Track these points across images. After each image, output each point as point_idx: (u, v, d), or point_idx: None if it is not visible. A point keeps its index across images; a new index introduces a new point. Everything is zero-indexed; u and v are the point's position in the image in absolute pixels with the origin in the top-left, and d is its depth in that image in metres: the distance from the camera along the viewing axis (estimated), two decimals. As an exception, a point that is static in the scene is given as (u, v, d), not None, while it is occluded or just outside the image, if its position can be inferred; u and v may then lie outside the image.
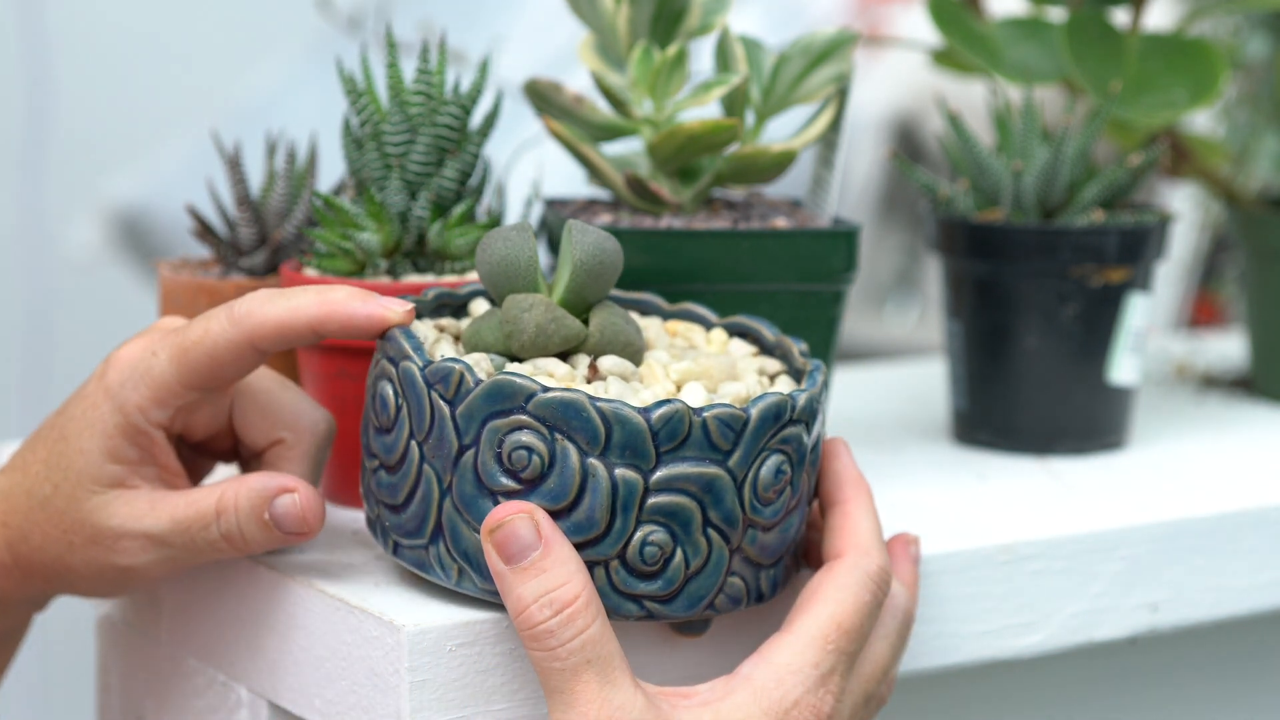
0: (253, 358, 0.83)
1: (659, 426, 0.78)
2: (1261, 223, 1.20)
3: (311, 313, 0.82)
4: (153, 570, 0.85)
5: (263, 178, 1.01)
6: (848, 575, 0.82)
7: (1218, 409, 1.19)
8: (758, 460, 0.80)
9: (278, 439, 0.87)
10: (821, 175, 1.00)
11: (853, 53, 0.97)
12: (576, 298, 0.83)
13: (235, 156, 1.00)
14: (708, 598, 0.80)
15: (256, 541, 0.83)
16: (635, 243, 0.92)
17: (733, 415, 0.79)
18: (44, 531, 0.86)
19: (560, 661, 0.77)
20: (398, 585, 0.84)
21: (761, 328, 0.88)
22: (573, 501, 0.78)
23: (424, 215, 0.92)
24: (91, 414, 0.84)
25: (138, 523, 0.84)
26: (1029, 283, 1.05)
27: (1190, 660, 1.05)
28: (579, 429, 0.78)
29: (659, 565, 0.79)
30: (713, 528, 0.79)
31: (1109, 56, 1.10)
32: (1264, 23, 1.35)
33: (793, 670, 0.79)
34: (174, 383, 0.84)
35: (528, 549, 0.77)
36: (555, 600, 0.77)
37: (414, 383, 0.80)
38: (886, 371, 1.31)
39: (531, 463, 0.78)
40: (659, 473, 0.78)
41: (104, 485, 0.84)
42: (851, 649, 0.81)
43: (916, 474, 1.03)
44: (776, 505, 0.81)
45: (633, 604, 0.79)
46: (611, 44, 0.96)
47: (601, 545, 0.79)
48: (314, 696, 0.84)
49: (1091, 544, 0.94)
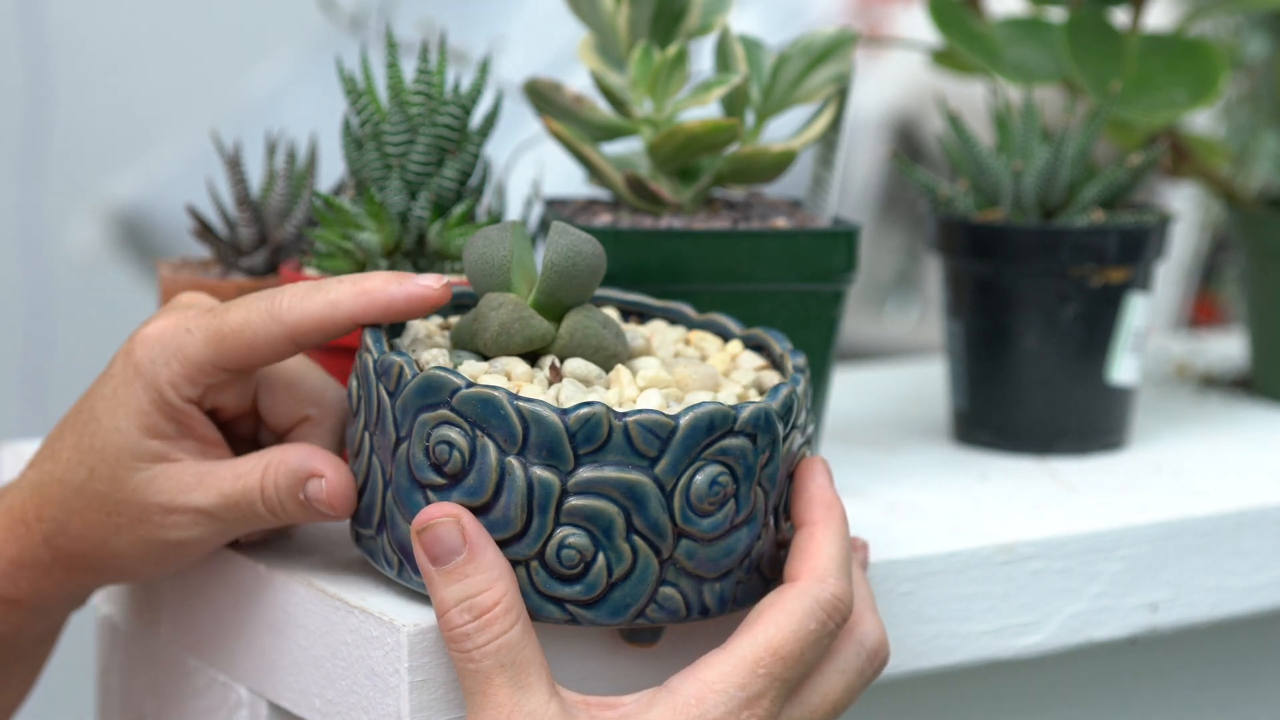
0: (290, 351, 0.83)
1: (575, 428, 0.77)
2: (1261, 223, 1.20)
3: (350, 305, 0.82)
4: (205, 543, 0.84)
5: (263, 178, 1.01)
6: (796, 601, 0.80)
7: (1218, 409, 1.19)
8: (690, 470, 0.78)
9: (304, 416, 0.87)
10: (821, 175, 1.00)
11: (853, 53, 0.97)
12: (550, 299, 0.83)
13: (235, 156, 1.00)
14: (635, 606, 0.79)
15: (297, 518, 0.83)
16: (635, 243, 0.92)
17: (657, 422, 0.78)
18: (84, 518, 0.85)
19: (475, 664, 0.77)
20: (398, 585, 0.83)
21: (773, 341, 0.87)
22: (490, 499, 0.78)
23: (424, 215, 0.92)
24: (122, 392, 0.84)
25: (186, 497, 0.83)
26: (1029, 283, 1.05)
27: (1190, 660, 1.05)
28: (497, 427, 0.77)
29: (579, 569, 0.78)
30: (638, 535, 0.78)
31: (1109, 56, 1.10)
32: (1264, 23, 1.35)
33: (716, 690, 0.78)
34: (207, 364, 0.83)
35: (452, 552, 0.77)
36: (475, 606, 0.77)
37: (367, 375, 0.81)
38: (886, 371, 1.31)
39: (452, 458, 0.78)
40: (578, 475, 0.78)
41: (146, 461, 0.84)
42: (788, 676, 0.79)
43: (916, 474, 1.03)
44: (716, 518, 0.79)
45: (554, 606, 0.79)
46: (611, 44, 0.96)
47: (519, 545, 0.78)
48: (314, 696, 0.84)
49: (1091, 544, 0.94)
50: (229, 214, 1.00)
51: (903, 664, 0.91)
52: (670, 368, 0.84)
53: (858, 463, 1.04)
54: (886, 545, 0.91)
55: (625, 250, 0.92)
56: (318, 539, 0.90)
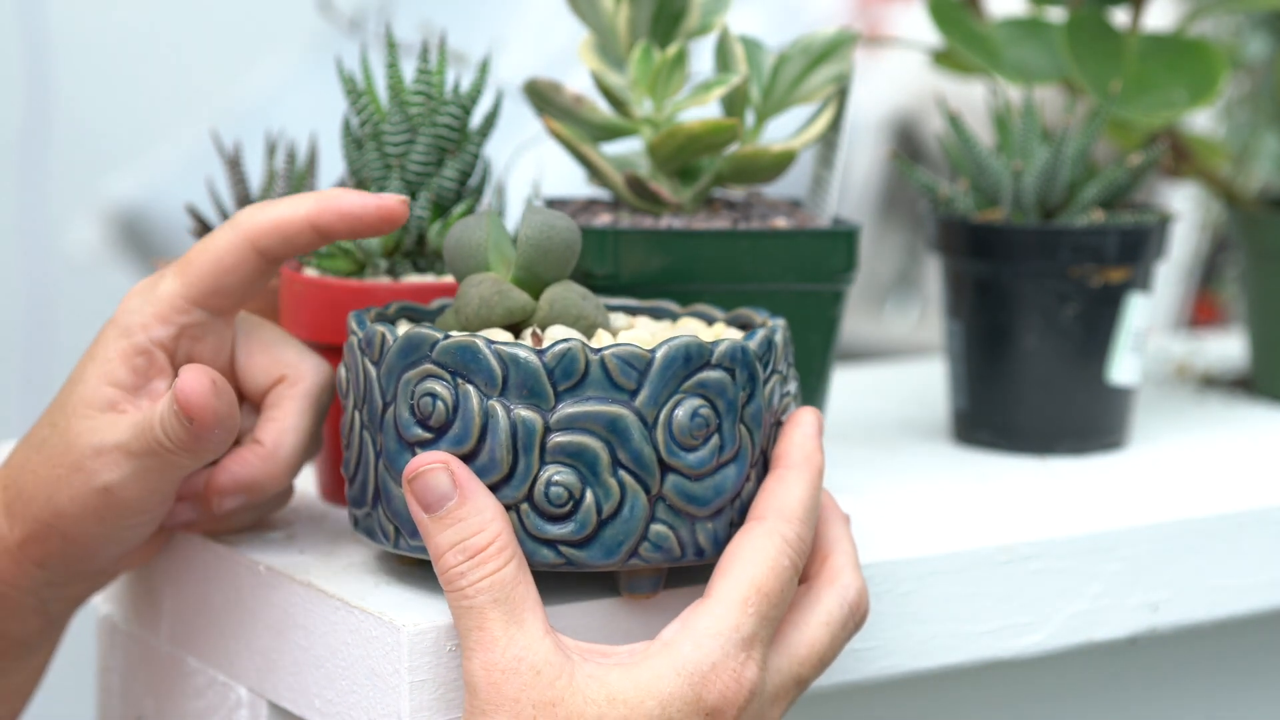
0: (256, 263, 0.84)
1: (553, 364, 0.78)
2: (1261, 223, 1.20)
3: (309, 206, 0.83)
4: (128, 488, 0.83)
5: (262, 177, 1.01)
6: (766, 539, 0.80)
7: (1218, 409, 1.19)
8: (670, 402, 0.79)
9: (279, 376, 0.87)
10: (821, 175, 1.00)
11: (853, 53, 0.97)
12: (529, 274, 0.84)
13: (235, 156, 1.00)
14: (627, 544, 0.80)
15: (180, 438, 0.82)
16: (635, 243, 0.92)
17: (633, 354, 0.79)
18: (35, 475, 0.85)
19: (469, 600, 0.77)
20: (398, 585, 0.84)
21: (755, 315, 0.88)
22: (475, 444, 0.79)
23: (424, 215, 0.92)
24: (96, 348, 0.85)
25: (111, 434, 0.83)
26: (1029, 283, 1.05)
27: (1190, 660, 1.05)
28: (477, 371, 0.79)
29: (568, 506, 0.79)
30: (624, 469, 0.79)
31: (1109, 56, 1.10)
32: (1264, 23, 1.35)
33: (712, 634, 0.78)
34: (177, 296, 0.84)
35: (443, 498, 0.78)
36: (468, 547, 0.78)
37: (354, 353, 0.82)
38: (886, 371, 1.31)
39: (436, 409, 0.79)
40: (559, 412, 0.79)
41: (96, 409, 0.84)
42: (772, 614, 0.79)
43: (916, 474, 1.03)
44: (701, 453, 0.80)
45: (548, 549, 0.79)
46: (611, 44, 0.96)
47: (508, 488, 0.79)
48: (314, 696, 0.84)
49: (1091, 544, 0.94)
50: (229, 214, 1.00)
51: (903, 664, 0.91)
52: (654, 335, 0.85)
53: (858, 463, 1.04)
54: (886, 545, 0.91)
55: (625, 250, 0.92)
56: (318, 539, 0.90)
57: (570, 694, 0.77)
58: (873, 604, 0.89)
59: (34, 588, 0.87)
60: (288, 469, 0.86)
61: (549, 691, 0.76)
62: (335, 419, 0.92)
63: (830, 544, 0.85)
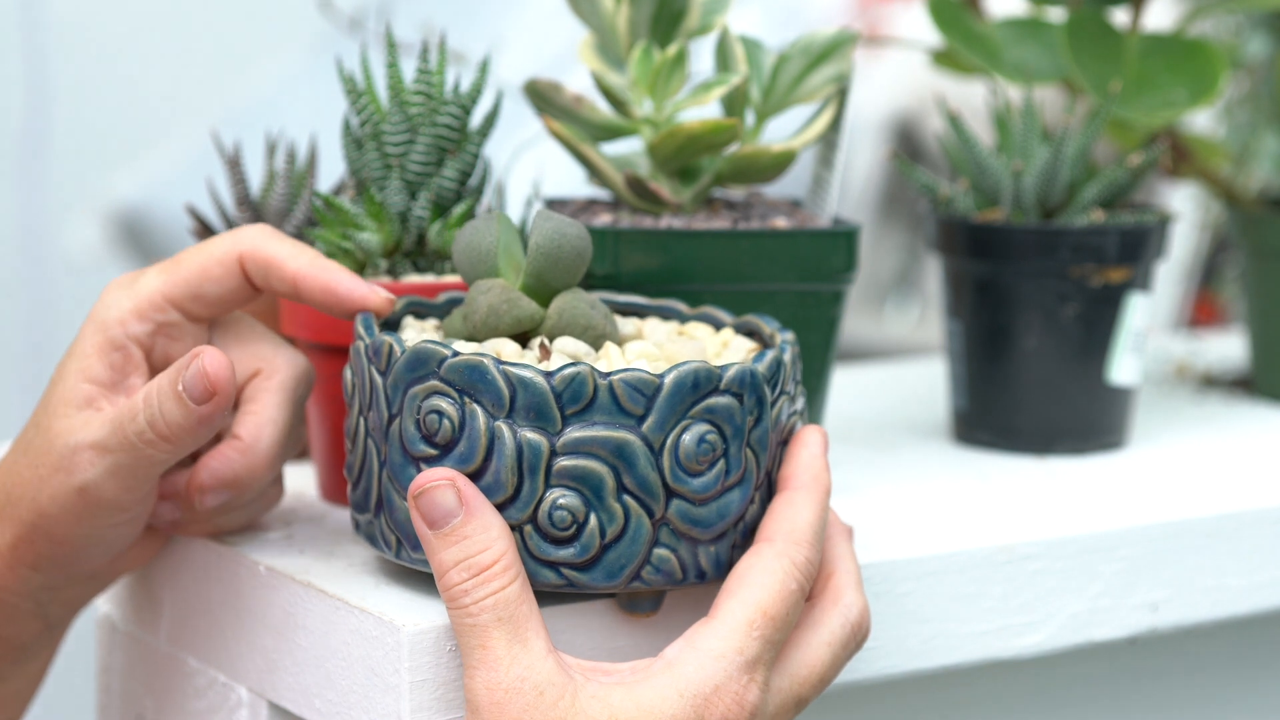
0: (239, 283, 0.84)
1: (561, 388, 0.78)
2: (1261, 223, 1.20)
3: (300, 265, 0.84)
4: (104, 486, 0.83)
5: (263, 178, 1.01)
6: (775, 561, 0.80)
7: (1218, 409, 1.19)
8: (677, 428, 0.79)
9: (255, 370, 0.86)
10: (821, 175, 1.00)
11: (853, 53, 0.97)
12: (538, 282, 0.84)
13: (235, 156, 1.00)
14: (630, 567, 0.80)
15: (177, 423, 0.81)
16: (635, 243, 0.92)
17: (642, 380, 0.78)
18: (20, 475, 0.85)
19: (472, 618, 0.77)
20: (398, 585, 0.84)
21: (763, 325, 0.88)
22: (481, 464, 0.78)
23: (424, 215, 0.92)
24: (75, 344, 0.85)
25: (86, 433, 0.83)
26: (1029, 283, 1.05)
27: (1190, 660, 1.05)
28: (485, 391, 0.78)
29: (572, 530, 0.79)
30: (629, 494, 0.79)
31: (1109, 56, 1.10)
32: (1264, 23, 1.35)
33: (715, 655, 0.78)
34: (157, 293, 0.84)
35: (448, 515, 0.78)
36: (473, 565, 0.77)
37: (360, 359, 0.82)
38: (886, 371, 1.31)
39: (443, 427, 0.79)
40: (565, 435, 0.78)
41: (74, 407, 0.84)
42: (776, 637, 0.79)
43: (916, 474, 1.03)
44: (706, 478, 0.80)
45: (550, 571, 0.79)
46: (611, 44, 0.96)
47: (512, 509, 0.79)
48: (314, 696, 0.84)
49: (1091, 544, 0.94)
50: (229, 214, 1.00)
51: (903, 664, 0.91)
52: (661, 347, 0.84)
53: (858, 463, 1.04)
54: (886, 545, 0.91)
55: (625, 250, 0.92)
56: (318, 539, 0.90)
57: (573, 714, 0.77)
58: (872, 604, 0.89)
59: (30, 591, 0.87)
60: (268, 463, 0.86)
61: (552, 712, 0.76)
62: (336, 419, 0.92)
63: (833, 562, 0.84)
